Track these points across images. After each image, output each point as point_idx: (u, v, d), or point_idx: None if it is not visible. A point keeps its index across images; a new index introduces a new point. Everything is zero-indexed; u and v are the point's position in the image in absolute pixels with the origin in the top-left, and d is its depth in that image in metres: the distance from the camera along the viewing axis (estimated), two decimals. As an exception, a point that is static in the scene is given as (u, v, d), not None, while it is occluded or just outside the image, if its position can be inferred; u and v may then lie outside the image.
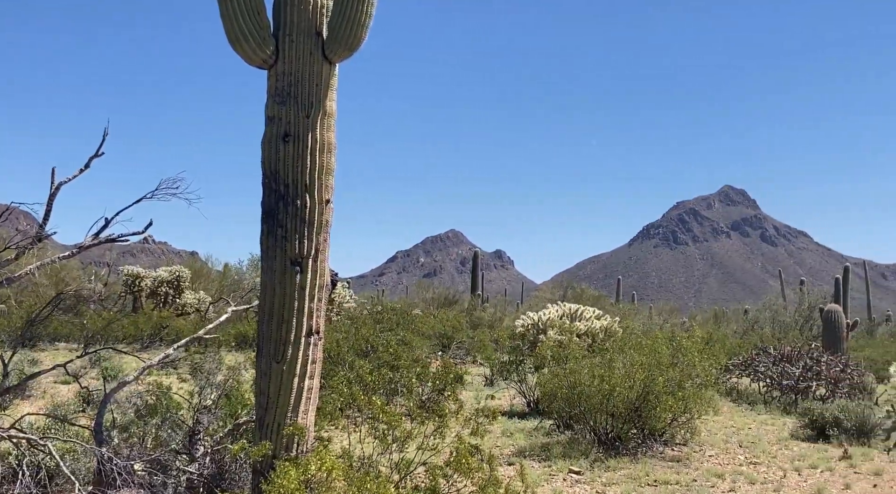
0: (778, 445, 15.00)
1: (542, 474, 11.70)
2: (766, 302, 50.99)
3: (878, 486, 11.89)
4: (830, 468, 12.95)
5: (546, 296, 47.68)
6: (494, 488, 6.77)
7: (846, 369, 21.31)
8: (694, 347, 15.50)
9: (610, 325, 20.42)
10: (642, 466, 12.36)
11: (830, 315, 30.19)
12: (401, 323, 25.76)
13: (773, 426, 17.33)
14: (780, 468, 12.91)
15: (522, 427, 15.48)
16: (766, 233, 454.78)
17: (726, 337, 32.98)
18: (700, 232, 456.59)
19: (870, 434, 15.24)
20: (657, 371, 13.57)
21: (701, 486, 11.39)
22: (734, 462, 13.34)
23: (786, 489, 11.47)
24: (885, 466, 13.08)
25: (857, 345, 35.19)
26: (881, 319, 58.82)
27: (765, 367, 21.54)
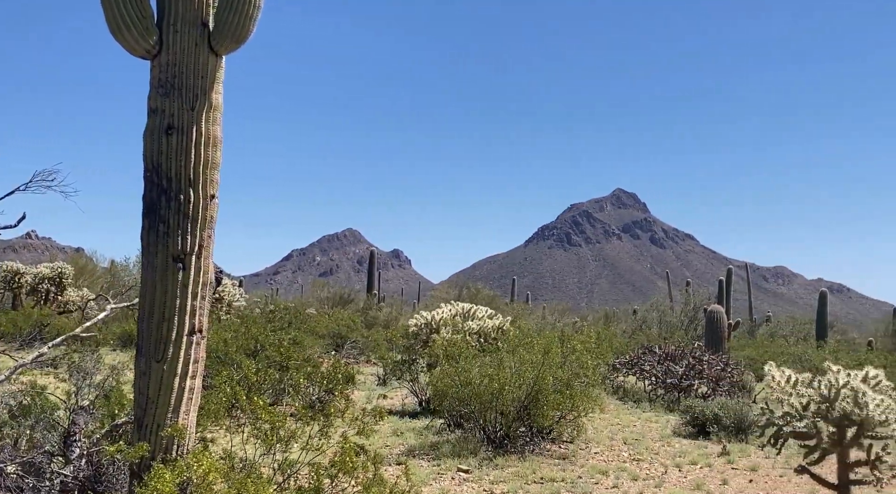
0: (661, 442, 15.43)
1: (431, 473, 11.73)
2: (653, 302, 52.43)
3: (753, 481, 12.35)
4: (709, 464, 13.40)
5: (442, 296, 47.89)
6: (379, 487, 6.74)
7: (727, 368, 22.09)
8: (583, 347, 15.79)
9: (502, 324, 20.61)
10: (529, 464, 12.53)
11: (713, 315, 31.22)
12: (293, 323, 25.45)
13: (657, 423, 17.82)
14: (661, 464, 13.28)
15: (413, 426, 15.48)
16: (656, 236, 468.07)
17: (615, 336, 33.74)
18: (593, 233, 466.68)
19: (747, 431, 15.83)
20: (546, 370, 13.77)
21: (585, 483, 11.62)
22: (618, 458, 13.66)
23: (666, 485, 11.80)
24: (760, 462, 13.60)
25: (739, 345, 36.53)
26: (762, 320, 61.12)
27: (650, 366, 22.14)
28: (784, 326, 53.82)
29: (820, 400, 9.22)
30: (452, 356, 16.10)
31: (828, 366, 9.45)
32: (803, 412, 9.29)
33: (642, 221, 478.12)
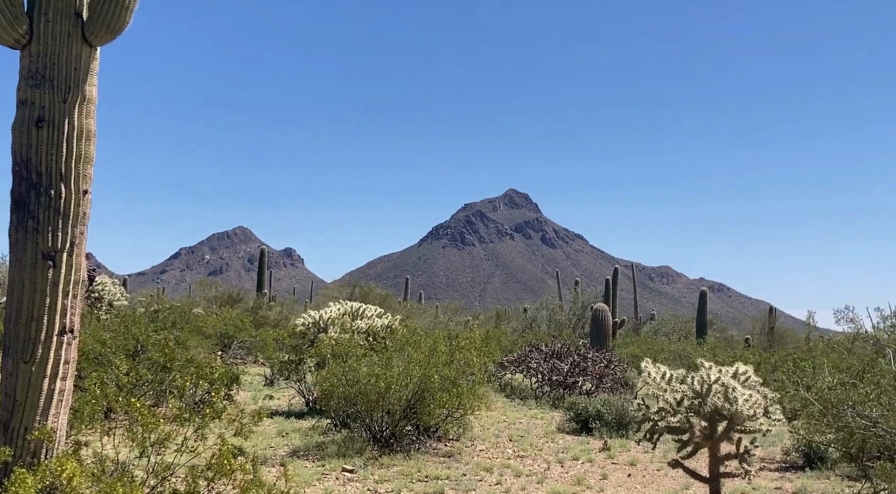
0: (545, 438, 15.72)
1: (315, 473, 11.63)
2: (543, 301, 53.33)
3: (631, 475, 12.71)
4: (591, 459, 13.72)
5: (334, 295, 47.51)
6: (258, 489, 6.65)
7: (610, 365, 22.66)
8: (470, 345, 15.94)
9: (391, 323, 20.62)
10: (415, 462, 12.57)
11: (599, 313, 31.96)
12: (177, 323, 24.83)
13: (542, 420, 18.14)
14: (545, 460, 13.53)
15: (299, 426, 15.34)
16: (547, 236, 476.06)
17: (503, 334, 34.20)
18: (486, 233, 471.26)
19: (628, 427, 16.28)
20: (433, 368, 13.83)
21: (469, 480, 11.74)
22: (503, 455, 13.85)
23: (549, 480, 12.03)
24: (639, 456, 14.01)
25: (623, 342, 37.48)
26: (646, 318, 62.97)
27: (537, 363, 22.52)
28: (667, 324, 55.49)
29: (693, 395, 9.55)
30: (340, 355, 16.01)
31: (700, 363, 9.78)
32: (677, 407, 9.59)
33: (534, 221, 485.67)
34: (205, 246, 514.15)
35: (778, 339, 46.92)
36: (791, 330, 51.67)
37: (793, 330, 51.43)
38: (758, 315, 62.73)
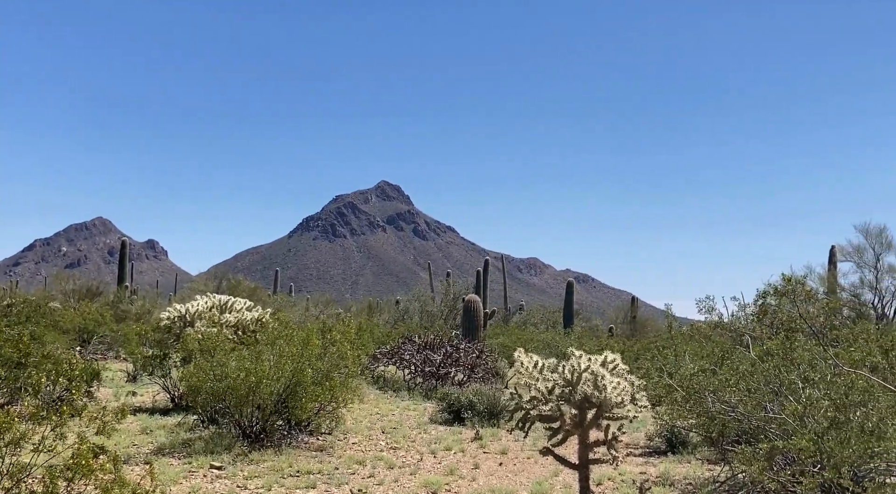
0: (418, 429, 15.73)
1: (181, 471, 11.27)
2: (415, 293, 53.46)
3: (503, 464, 12.86)
4: (463, 449, 13.81)
5: (199, 288, 46.26)
6: (120, 489, 6.34)
7: (482, 355, 22.91)
8: (343, 338, 15.77)
9: (261, 317, 20.18)
10: (286, 457, 12.35)
11: (470, 305, 32.28)
12: (33, 317, 23.61)
13: (415, 411, 18.16)
14: (417, 451, 13.54)
15: (164, 423, 14.85)
16: (419, 228, 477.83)
17: (376, 326, 34.09)
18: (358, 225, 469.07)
19: (499, 416, 16.47)
20: (306, 362, 13.61)
21: (342, 473, 11.61)
22: (376, 448, 13.77)
23: (421, 471, 12.03)
24: (510, 445, 14.19)
25: (494, 333, 37.95)
26: (515, 308, 64.04)
27: (409, 355, 22.53)
28: (535, 314, 56.59)
29: (564, 383, 9.69)
30: (208, 350, 15.55)
31: (571, 352, 9.94)
32: (549, 395, 9.72)
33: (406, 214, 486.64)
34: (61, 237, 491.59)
35: (640, 328, 48.60)
36: (651, 319, 53.62)
37: (653, 319, 53.36)
38: (621, 304, 64.79)
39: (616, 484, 11.52)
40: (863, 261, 34.40)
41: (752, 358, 11.55)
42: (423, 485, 11.13)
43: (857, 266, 34.53)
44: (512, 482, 11.65)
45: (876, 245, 34.17)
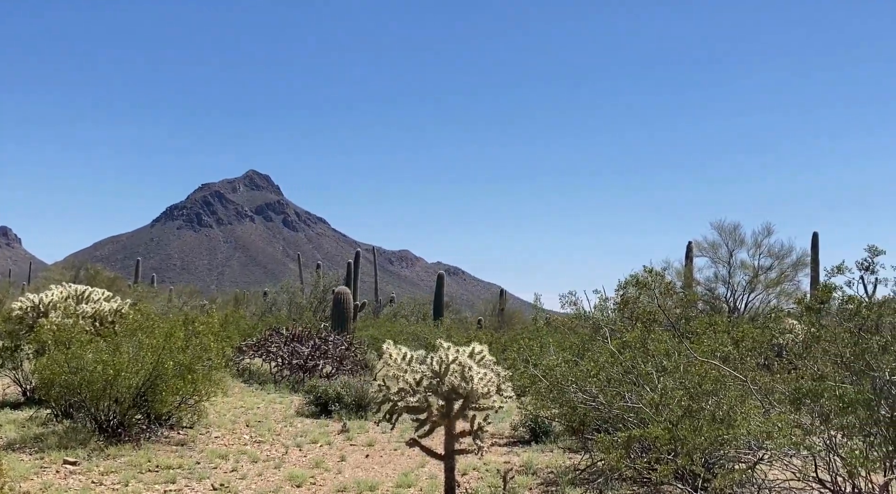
0: (283, 423, 15.53)
1: (33, 467, 10.76)
2: (284, 284, 52.77)
3: (369, 456, 12.83)
4: (330, 442, 13.71)
5: (55, 278, 44.27)
6: (-39, 490, 5.98)
7: (351, 347, 22.81)
8: (207, 330, 15.37)
9: (121, 308, 19.43)
10: (145, 452, 11.96)
11: (340, 297, 32.09)
12: None
13: (282, 404, 17.91)
14: (283, 445, 13.36)
15: (15, 418, 14.17)
16: (288, 219, 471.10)
17: (242, 318, 33.43)
18: (224, 215, 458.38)
19: (367, 408, 16.43)
20: (167, 354, 13.21)
21: (203, 468, 11.33)
22: (239, 441, 13.51)
23: (286, 465, 11.87)
24: (377, 437, 14.18)
25: (363, 325, 37.86)
26: (386, 301, 64.03)
27: (277, 347, 22.21)
28: (406, 306, 56.73)
29: (432, 375, 9.74)
30: (63, 341, 14.87)
31: (440, 343, 10.00)
32: (416, 387, 9.75)
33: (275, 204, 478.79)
34: None
35: (507, 320, 49.45)
36: (519, 311, 54.62)
37: (521, 311, 54.38)
38: (489, 297, 65.71)
39: (481, 474, 11.67)
40: (717, 257, 36.05)
41: (611, 349, 11.91)
42: (287, 479, 10.98)
43: (712, 261, 36.18)
44: (378, 474, 11.64)
45: (730, 241, 35.84)
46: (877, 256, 7.82)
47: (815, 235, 36.63)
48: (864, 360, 7.72)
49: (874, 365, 7.64)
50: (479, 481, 11.23)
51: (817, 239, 36.56)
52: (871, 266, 7.83)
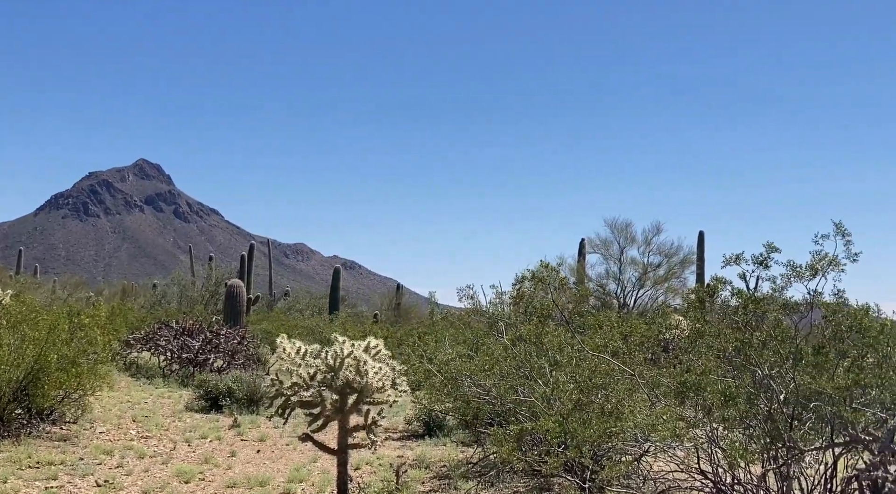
0: (172, 418, 15.18)
1: None
2: (174, 276, 51.61)
3: (261, 451, 12.67)
4: (220, 437, 13.47)
5: (-71, 266, 42.10)
6: None
7: (243, 341, 22.45)
8: (93, 322, 14.88)
9: (1, 299, 18.65)
10: (25, 448, 11.52)
11: (233, 290, 31.55)
12: None
13: (170, 399, 17.51)
14: (171, 440, 13.06)
15: None
16: (180, 209, 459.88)
17: (131, 310, 32.50)
18: (113, 204, 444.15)
19: (259, 403, 16.21)
20: (51, 347, 12.73)
21: (87, 464, 10.98)
22: (125, 437, 13.14)
23: (174, 460, 11.61)
24: (269, 432, 14.01)
25: (257, 319, 37.33)
26: (280, 294, 63.25)
27: (166, 341, 21.69)
28: (301, 300, 56.21)
29: (326, 369, 9.67)
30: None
31: (335, 337, 9.94)
32: (310, 381, 9.66)
33: (166, 194, 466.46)
34: None
35: (404, 315, 49.53)
36: (416, 306, 54.74)
37: (417, 306, 54.51)
38: (386, 291, 65.66)
39: (374, 468, 11.66)
40: (609, 254, 37.00)
41: (505, 343, 12.07)
42: (175, 475, 10.73)
43: (604, 258, 37.13)
44: (269, 469, 11.50)
45: (621, 239, 36.85)
46: (772, 253, 8.13)
47: (702, 234, 37.92)
48: (746, 355, 8.03)
49: (755, 360, 7.96)
50: (372, 475, 11.22)
51: (703, 238, 37.86)
52: (766, 261, 8.13)
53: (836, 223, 7.83)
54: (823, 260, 7.83)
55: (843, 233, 7.80)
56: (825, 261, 7.83)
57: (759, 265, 8.14)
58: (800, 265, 7.95)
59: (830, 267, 7.84)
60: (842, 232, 7.80)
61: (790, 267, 8.00)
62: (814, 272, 7.90)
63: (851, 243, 7.82)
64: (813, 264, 7.88)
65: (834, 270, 7.85)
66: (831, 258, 7.84)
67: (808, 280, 7.95)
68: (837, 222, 7.84)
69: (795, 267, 7.97)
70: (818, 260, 7.86)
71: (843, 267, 7.84)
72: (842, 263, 7.83)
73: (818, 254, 7.88)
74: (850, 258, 7.84)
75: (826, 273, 7.87)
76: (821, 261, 7.84)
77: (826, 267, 7.84)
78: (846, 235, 7.80)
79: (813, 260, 7.89)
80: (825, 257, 7.85)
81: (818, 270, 7.88)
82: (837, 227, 7.82)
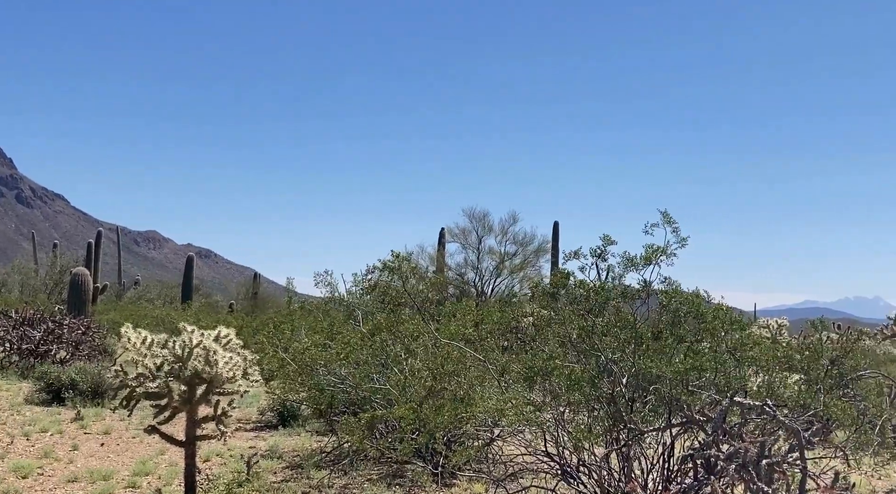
0: (10, 411, 14.46)
1: None
2: (15, 265, 49.25)
3: (105, 444, 12.21)
4: (61, 430, 12.91)
5: None
6: None
7: (88, 332, 21.57)
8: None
9: None
10: None
11: (78, 278, 30.26)
12: None
13: (9, 392, 16.68)
14: (8, 434, 12.44)
15: None
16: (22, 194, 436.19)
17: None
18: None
19: (104, 395, 15.62)
20: None
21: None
22: (-44, 433, 12.42)
23: (12, 455, 11.06)
24: (115, 425, 13.53)
25: (104, 308, 35.88)
26: (131, 283, 61.03)
27: (4, 331, 20.61)
28: (152, 289, 54.50)
29: (174, 360, 9.40)
30: None
31: (183, 327, 9.67)
32: (157, 372, 9.38)
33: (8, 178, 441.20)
34: None
35: (261, 304, 48.68)
36: (274, 295, 53.95)
37: (275, 295, 53.72)
38: (243, 280, 64.42)
39: (224, 460, 11.43)
40: (467, 243, 37.55)
41: (362, 331, 12.06)
42: (12, 470, 10.21)
43: (463, 247, 37.66)
44: (114, 462, 11.09)
45: (479, 228, 37.45)
46: (609, 245, 8.44)
47: (556, 224, 39.04)
48: (590, 341, 8.32)
49: (598, 345, 8.25)
50: (223, 467, 10.99)
51: (558, 227, 38.96)
52: (604, 253, 8.44)
53: (662, 212, 8.22)
54: (656, 251, 8.22)
55: (670, 222, 8.19)
56: (658, 251, 8.22)
57: (597, 258, 8.47)
58: (635, 255, 8.32)
59: (661, 256, 8.24)
60: (668, 220, 8.19)
61: (625, 258, 8.36)
62: (647, 261, 8.28)
63: (679, 230, 8.23)
64: (647, 255, 8.26)
65: (665, 258, 8.25)
66: (660, 247, 8.23)
67: (642, 269, 8.35)
68: (663, 211, 8.23)
69: (630, 257, 8.34)
70: (651, 252, 8.24)
71: (675, 253, 8.24)
72: (671, 250, 8.23)
73: (651, 246, 8.26)
74: (679, 243, 8.25)
75: (658, 261, 8.26)
76: (654, 252, 8.22)
77: (657, 256, 8.22)
78: (672, 223, 8.20)
79: (647, 251, 8.27)
80: (657, 248, 8.23)
81: (651, 259, 8.26)
82: (664, 216, 8.21)
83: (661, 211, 8.18)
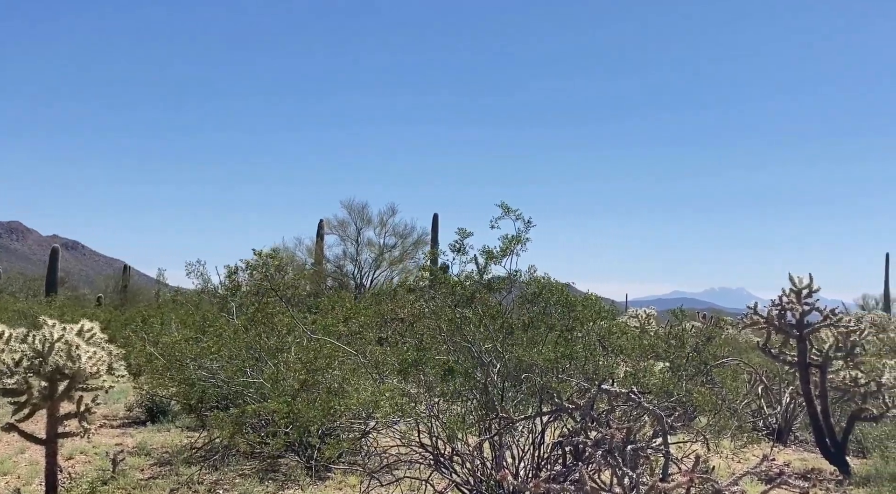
0: None
1: None
2: None
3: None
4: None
5: None
6: None
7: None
8: None
9: None
10: None
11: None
12: None
13: None
14: None
15: None
16: None
17: None
18: None
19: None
20: None
21: None
22: None
23: None
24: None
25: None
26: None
27: None
28: (14, 282, 52.13)
29: (33, 354, 9.02)
30: None
31: (43, 321, 9.29)
32: (15, 368, 8.98)
33: None
34: None
35: (131, 297, 47.12)
36: (145, 287, 52.33)
37: (147, 287, 52.12)
38: (113, 273, 62.24)
39: (89, 457, 11.03)
40: (346, 235, 37.35)
41: (235, 325, 11.86)
42: None
43: (342, 239, 37.44)
44: (-31, 463, 10.56)
45: (358, 220, 37.29)
46: (466, 238, 8.61)
47: (436, 216, 39.15)
48: (462, 333, 8.42)
49: (470, 337, 8.36)
50: (87, 465, 10.61)
51: (437, 219, 39.10)
52: (462, 247, 8.59)
53: (500, 205, 8.52)
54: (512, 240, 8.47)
55: (510, 211, 8.47)
56: (513, 241, 8.46)
57: (456, 252, 8.64)
58: (493, 248, 8.55)
59: (517, 245, 8.49)
60: (507, 210, 8.49)
61: (484, 251, 8.58)
62: (504, 252, 8.50)
63: (522, 216, 8.56)
64: (504, 246, 8.49)
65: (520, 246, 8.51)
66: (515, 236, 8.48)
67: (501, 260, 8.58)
68: (501, 203, 8.52)
69: (489, 250, 8.55)
70: (507, 242, 8.48)
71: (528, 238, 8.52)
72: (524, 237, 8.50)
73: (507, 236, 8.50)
74: (526, 227, 8.53)
75: (516, 252, 8.52)
76: (511, 242, 8.45)
77: (513, 245, 8.47)
78: (513, 211, 8.49)
79: (503, 243, 8.51)
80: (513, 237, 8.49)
81: (508, 250, 8.50)
82: (503, 207, 8.51)
83: (499, 204, 8.51)
